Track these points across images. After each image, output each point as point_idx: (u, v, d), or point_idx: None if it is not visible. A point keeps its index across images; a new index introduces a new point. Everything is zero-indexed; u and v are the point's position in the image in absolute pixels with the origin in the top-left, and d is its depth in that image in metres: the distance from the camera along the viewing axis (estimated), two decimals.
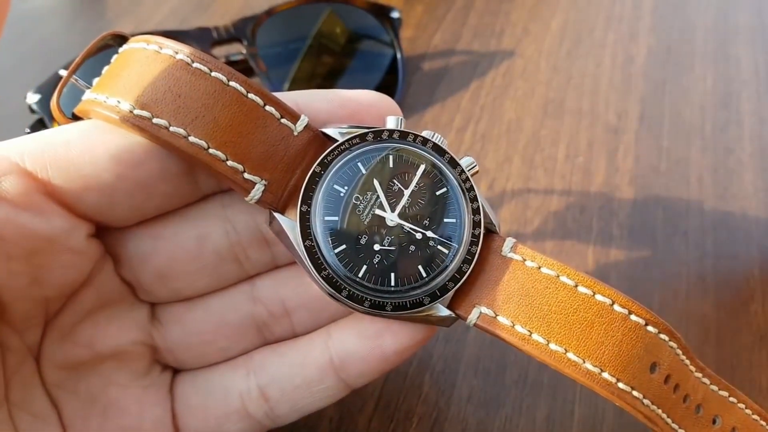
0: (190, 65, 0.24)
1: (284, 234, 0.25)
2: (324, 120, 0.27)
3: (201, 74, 0.24)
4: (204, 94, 0.24)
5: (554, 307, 0.24)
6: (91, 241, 0.26)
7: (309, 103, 0.27)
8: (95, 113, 0.24)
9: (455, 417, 0.33)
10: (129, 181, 0.24)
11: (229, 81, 0.25)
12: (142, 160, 0.24)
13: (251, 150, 0.25)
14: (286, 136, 0.25)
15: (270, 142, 0.25)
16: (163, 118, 0.24)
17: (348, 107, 0.27)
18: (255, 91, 0.25)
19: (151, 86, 0.24)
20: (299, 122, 0.25)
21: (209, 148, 0.24)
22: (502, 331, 0.25)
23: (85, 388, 0.27)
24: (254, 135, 0.25)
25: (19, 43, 0.55)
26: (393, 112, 0.28)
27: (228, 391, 0.28)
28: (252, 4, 0.59)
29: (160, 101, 0.24)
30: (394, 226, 0.26)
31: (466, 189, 0.26)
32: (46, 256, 0.24)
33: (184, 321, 0.28)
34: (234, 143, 0.24)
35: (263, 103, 0.25)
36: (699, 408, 0.26)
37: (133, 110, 0.24)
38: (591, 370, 0.24)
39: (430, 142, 0.27)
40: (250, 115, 0.25)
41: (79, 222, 0.25)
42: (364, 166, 0.26)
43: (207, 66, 0.24)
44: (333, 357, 0.27)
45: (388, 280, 0.25)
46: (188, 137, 0.24)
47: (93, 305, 0.26)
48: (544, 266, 0.25)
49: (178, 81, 0.24)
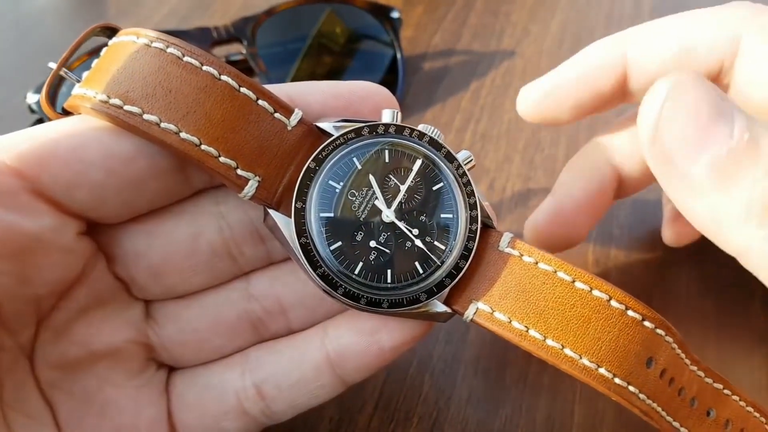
0: (181, 59, 0.24)
1: (279, 230, 0.25)
2: (318, 112, 0.26)
3: (192, 68, 0.24)
4: (195, 89, 0.24)
5: (551, 303, 0.24)
6: (82, 238, 0.25)
7: (302, 95, 0.26)
8: (84, 109, 0.24)
9: (455, 417, 0.33)
10: (119, 178, 0.24)
11: (220, 75, 0.24)
12: (132, 156, 0.24)
13: (244, 146, 0.24)
14: (279, 131, 0.25)
15: (263, 137, 0.25)
16: (154, 114, 0.23)
17: (342, 98, 0.27)
18: (248, 85, 0.24)
19: (142, 82, 0.24)
20: (293, 116, 0.25)
21: (201, 144, 0.24)
22: (499, 327, 0.25)
23: (80, 387, 0.26)
24: (247, 130, 0.24)
25: (19, 43, 0.55)
26: (389, 104, 0.27)
27: (224, 389, 0.28)
28: (252, 4, 0.59)
29: (150, 97, 0.23)
30: (390, 222, 0.25)
31: (462, 184, 0.26)
32: (35, 255, 0.23)
33: (179, 319, 0.28)
34: (226, 139, 0.24)
35: (256, 98, 0.25)
36: (694, 401, 0.26)
37: (123, 106, 0.23)
38: (588, 365, 0.24)
39: (426, 137, 0.26)
40: (242, 110, 0.24)
41: (69, 220, 0.24)
42: (359, 161, 0.26)
43: (198, 60, 0.24)
44: (329, 353, 0.27)
45: (384, 276, 0.25)
46: (180, 133, 0.23)
47: (86, 303, 0.26)
48: (542, 261, 0.25)
49: (169, 76, 0.24)
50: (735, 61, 0.27)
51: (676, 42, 0.29)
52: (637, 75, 0.30)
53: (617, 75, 0.30)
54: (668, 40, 0.29)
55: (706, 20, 0.28)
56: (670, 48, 0.29)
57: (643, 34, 0.30)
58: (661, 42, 0.29)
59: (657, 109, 0.22)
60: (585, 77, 0.31)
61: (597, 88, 0.31)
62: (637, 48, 0.30)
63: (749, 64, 0.27)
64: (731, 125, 0.21)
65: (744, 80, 0.27)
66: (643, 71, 0.30)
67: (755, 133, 0.21)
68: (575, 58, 0.32)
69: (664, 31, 0.29)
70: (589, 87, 0.31)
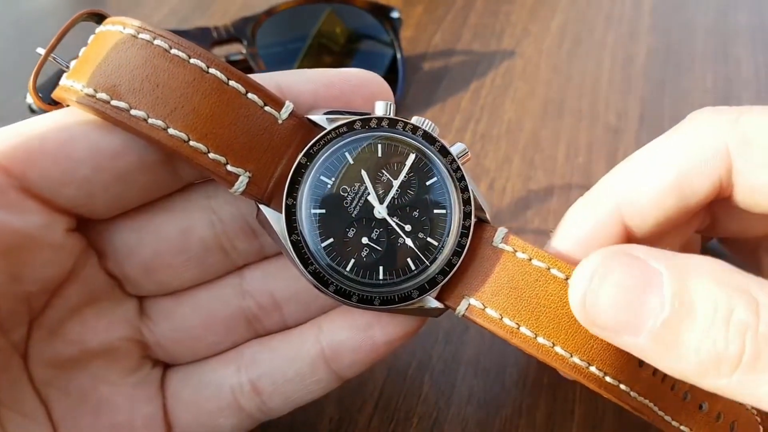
0: (168, 51, 0.24)
1: (270, 226, 0.25)
2: (309, 102, 0.26)
3: (179, 61, 0.23)
4: (183, 83, 0.23)
5: (543, 300, 0.24)
6: (71, 235, 0.25)
7: (292, 85, 0.26)
8: (72, 102, 0.24)
9: (455, 417, 0.33)
10: (107, 174, 0.24)
11: (208, 68, 0.24)
12: (120, 151, 0.24)
13: (234, 141, 0.24)
14: (270, 125, 0.24)
15: (253, 132, 0.24)
16: (141, 110, 0.23)
17: (334, 87, 0.26)
18: (236, 78, 0.24)
19: (129, 75, 0.23)
20: (284, 109, 0.25)
21: (190, 140, 0.23)
22: (490, 323, 0.25)
23: (75, 386, 0.26)
24: (236, 125, 0.24)
25: (19, 43, 0.55)
26: (383, 93, 0.27)
27: (219, 386, 0.28)
28: (252, 4, 0.59)
29: (137, 91, 0.23)
30: (382, 218, 0.25)
31: (456, 179, 0.26)
32: (25, 252, 0.23)
33: (173, 315, 0.28)
34: (215, 135, 0.24)
35: (245, 91, 0.24)
36: (686, 394, 0.26)
37: (110, 101, 0.23)
38: (578, 364, 0.24)
39: (420, 130, 0.26)
40: (231, 104, 0.24)
41: (57, 216, 0.24)
42: (351, 156, 0.25)
43: (185, 52, 0.24)
44: (324, 349, 0.27)
45: (376, 273, 0.25)
46: (168, 129, 0.23)
47: (79, 301, 0.26)
48: (535, 258, 0.25)
49: (156, 69, 0.23)
50: (732, 174, 0.25)
51: (664, 180, 0.25)
52: (637, 221, 0.26)
53: (617, 232, 0.26)
54: (656, 182, 0.26)
55: (683, 146, 0.25)
56: (662, 189, 0.25)
57: (626, 179, 0.26)
58: (649, 185, 0.26)
59: (582, 292, 0.22)
60: (585, 243, 0.27)
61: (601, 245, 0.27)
62: (627, 201, 0.26)
63: (746, 175, 0.25)
64: (661, 295, 0.21)
65: (746, 190, 0.25)
66: (639, 215, 0.26)
67: (688, 293, 0.20)
68: (568, 224, 0.27)
69: (647, 171, 0.26)
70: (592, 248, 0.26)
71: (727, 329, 0.20)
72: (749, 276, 0.21)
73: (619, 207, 0.26)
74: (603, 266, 0.22)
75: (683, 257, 0.22)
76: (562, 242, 0.26)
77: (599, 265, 0.22)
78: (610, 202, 0.26)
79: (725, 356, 0.20)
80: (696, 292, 0.20)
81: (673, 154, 0.26)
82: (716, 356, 0.20)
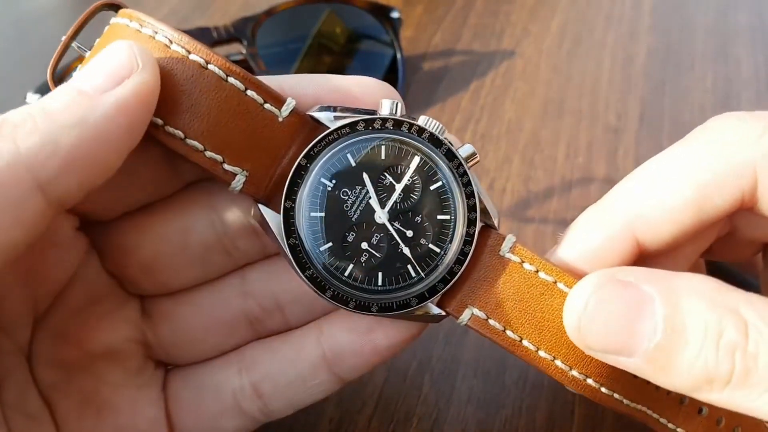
0: (169, 47, 0.23)
1: (268, 226, 0.24)
2: (312, 105, 0.25)
3: (179, 58, 0.23)
4: (181, 79, 0.23)
5: (548, 315, 0.24)
6: (78, 234, 0.25)
7: (295, 86, 0.25)
8: None
9: (455, 418, 0.33)
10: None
11: (207, 64, 0.23)
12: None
13: (231, 140, 0.23)
14: (269, 124, 0.24)
15: (251, 130, 0.24)
16: None
17: (339, 92, 0.26)
18: (235, 75, 0.23)
19: None
20: (285, 107, 0.24)
21: (186, 138, 0.23)
22: (493, 334, 0.25)
23: (79, 388, 0.26)
24: (234, 123, 0.23)
25: (20, 44, 0.55)
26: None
27: (221, 389, 0.28)
28: (252, 4, 0.59)
29: None
30: (383, 223, 0.24)
31: (462, 184, 0.25)
32: (35, 252, 0.23)
33: (175, 317, 0.28)
34: (212, 133, 0.23)
35: (245, 88, 0.24)
36: (684, 398, 0.26)
37: None
38: (576, 377, 0.24)
39: (426, 132, 0.25)
40: (229, 102, 0.23)
41: (66, 215, 0.24)
42: (353, 158, 0.24)
43: (185, 48, 0.23)
44: (326, 352, 0.27)
45: (375, 279, 0.24)
46: (165, 127, 0.23)
47: (82, 302, 0.26)
48: (543, 271, 0.24)
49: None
50: (757, 190, 0.24)
51: (682, 195, 0.24)
52: (650, 236, 0.25)
53: (628, 246, 0.25)
54: (673, 196, 0.24)
55: (704, 157, 0.24)
56: (680, 205, 0.24)
57: (641, 192, 0.25)
58: (665, 200, 0.24)
59: (577, 317, 0.22)
60: (594, 256, 0.25)
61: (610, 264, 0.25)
62: (640, 215, 0.25)
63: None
64: (653, 319, 0.21)
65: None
66: (652, 231, 0.25)
67: (680, 315, 0.21)
68: (578, 233, 0.26)
69: (664, 184, 0.24)
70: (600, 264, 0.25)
71: (717, 349, 0.20)
72: (740, 293, 0.21)
73: (631, 221, 0.25)
74: (595, 294, 0.22)
75: (676, 278, 0.22)
76: (570, 252, 0.25)
77: (592, 293, 0.22)
78: (622, 215, 0.25)
79: (716, 374, 0.20)
80: (688, 314, 0.21)
81: (693, 166, 0.24)
82: (707, 374, 0.21)
